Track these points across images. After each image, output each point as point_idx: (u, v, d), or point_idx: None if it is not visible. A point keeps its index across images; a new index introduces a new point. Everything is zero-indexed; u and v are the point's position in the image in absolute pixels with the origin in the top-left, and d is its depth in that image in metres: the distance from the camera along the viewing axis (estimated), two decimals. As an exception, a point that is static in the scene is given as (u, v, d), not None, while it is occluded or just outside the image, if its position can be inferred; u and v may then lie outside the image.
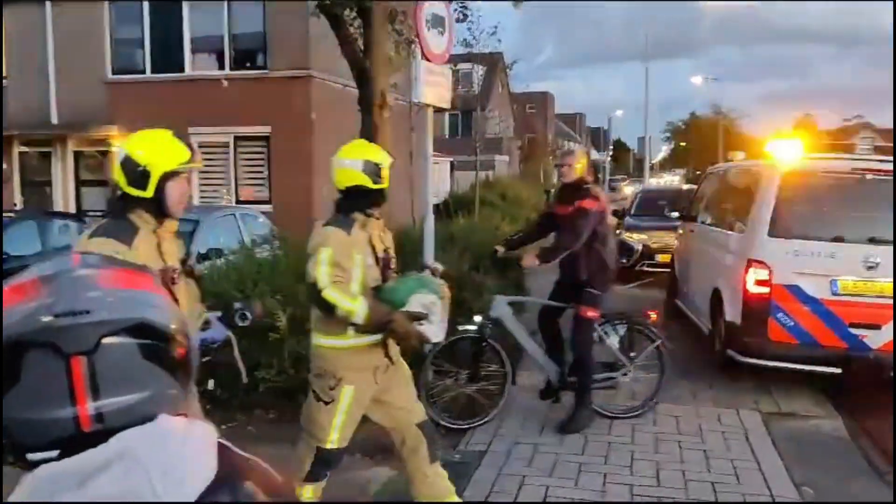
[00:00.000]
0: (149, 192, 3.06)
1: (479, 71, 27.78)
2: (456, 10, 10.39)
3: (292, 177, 17.15)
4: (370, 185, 3.90)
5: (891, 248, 6.79)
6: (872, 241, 6.91)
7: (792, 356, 6.95)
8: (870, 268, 6.81)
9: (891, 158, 7.38)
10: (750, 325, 7.05)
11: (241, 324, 3.59)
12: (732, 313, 7.33)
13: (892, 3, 33.67)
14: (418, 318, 3.84)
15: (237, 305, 3.63)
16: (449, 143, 39.85)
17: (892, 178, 7.02)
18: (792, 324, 6.91)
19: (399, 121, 17.07)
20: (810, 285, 6.90)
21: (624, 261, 14.20)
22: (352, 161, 3.93)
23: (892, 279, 6.72)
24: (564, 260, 5.97)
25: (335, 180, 3.99)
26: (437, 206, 24.34)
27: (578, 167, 5.99)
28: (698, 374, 7.62)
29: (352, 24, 8.74)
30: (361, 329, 3.80)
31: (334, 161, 3.97)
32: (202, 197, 18.24)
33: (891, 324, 6.71)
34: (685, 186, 20.80)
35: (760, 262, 7.00)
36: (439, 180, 30.11)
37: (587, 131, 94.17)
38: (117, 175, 3.14)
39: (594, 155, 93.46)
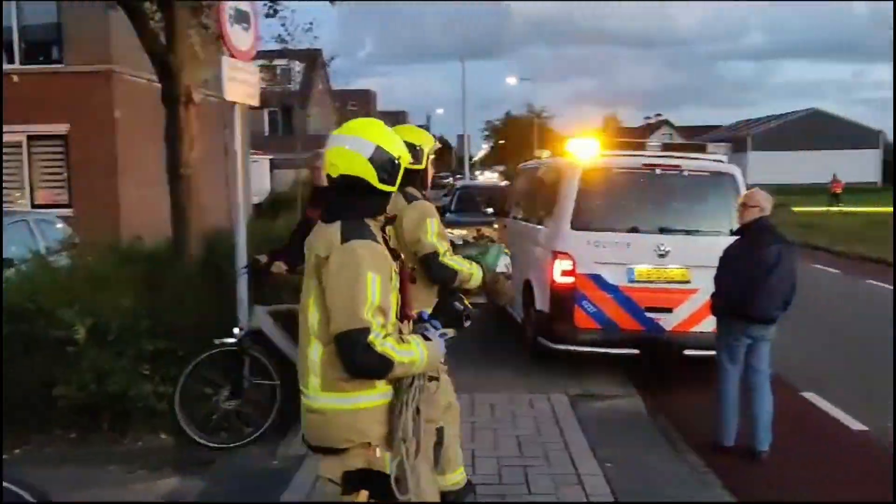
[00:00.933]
0: (395, 187, 2.82)
1: (297, 67, 27.33)
2: (265, 5, 10.14)
3: (94, 178, 16.10)
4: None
5: (679, 236, 7.39)
6: (663, 230, 7.49)
7: (596, 340, 7.41)
8: (661, 256, 7.37)
9: (680, 154, 8.01)
10: (557, 313, 7.44)
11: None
12: (541, 303, 7.71)
13: (892, 2, 35.92)
14: (508, 277, 4.45)
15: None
16: (269, 141, 38.94)
17: (678, 172, 7.64)
18: (595, 310, 7.36)
19: (214, 118, 16.48)
20: (610, 274, 7.38)
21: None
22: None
23: (680, 265, 7.31)
24: None
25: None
26: (257, 206, 23.78)
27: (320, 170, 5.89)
28: (513, 363, 7.94)
29: (153, 18, 8.31)
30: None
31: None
32: (-8, 201, 16.71)
33: (682, 306, 7.29)
34: (502, 183, 21.57)
35: (565, 254, 7.39)
36: (259, 179, 29.36)
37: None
38: (362, 171, 2.78)
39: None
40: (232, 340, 5.80)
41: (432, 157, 4.31)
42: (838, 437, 6.36)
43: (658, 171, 7.64)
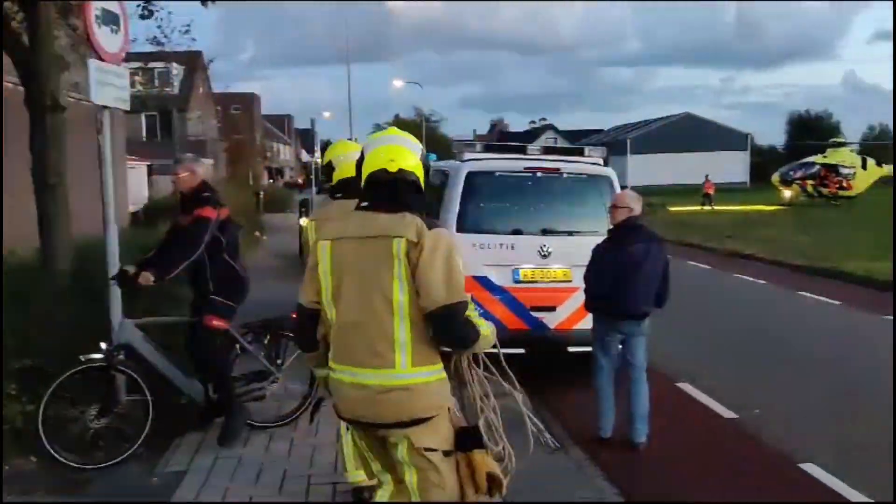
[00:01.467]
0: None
1: (175, 70, 26.45)
2: (139, 5, 9.76)
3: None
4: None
5: (560, 237, 7.60)
6: (545, 231, 7.69)
7: (483, 342, 7.49)
8: (544, 256, 7.57)
9: (559, 158, 8.23)
10: (445, 315, 7.47)
11: None
12: (429, 306, 7.73)
13: (892, 3, 36.80)
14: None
15: None
16: (147, 146, 37.45)
17: (558, 175, 7.86)
18: (482, 311, 7.40)
19: (85, 123, 15.73)
20: (496, 275, 7.51)
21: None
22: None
23: (562, 265, 7.52)
24: (190, 272, 5.75)
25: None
26: (134, 214, 22.83)
27: (189, 175, 5.84)
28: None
29: (14, 18, 7.85)
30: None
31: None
32: None
33: (564, 305, 7.49)
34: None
35: (451, 257, 7.44)
36: (137, 186, 28.22)
37: (296, 133, 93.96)
38: (417, 170, 3.08)
39: (304, 157, 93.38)
40: (99, 356, 5.51)
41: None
42: (711, 425, 6.69)
43: (539, 174, 7.84)
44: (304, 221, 6.97)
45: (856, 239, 20.64)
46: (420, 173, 3.09)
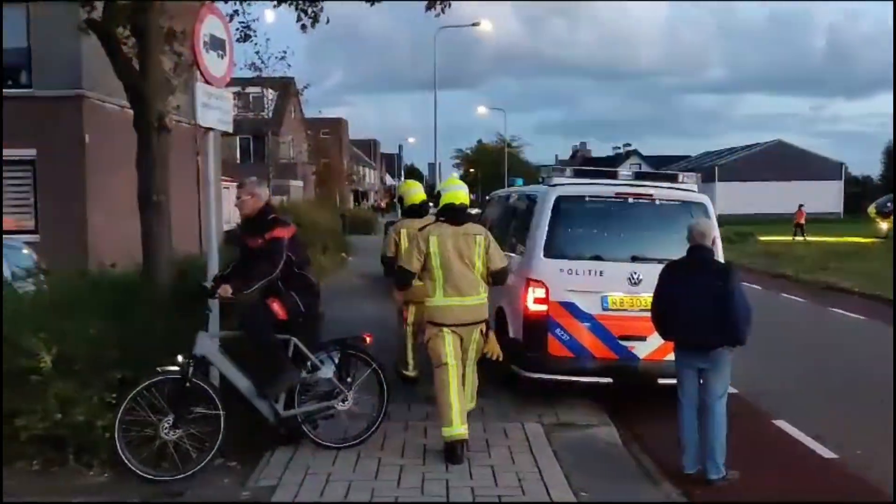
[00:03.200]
0: None
1: (269, 95, 27.32)
2: (238, 29, 10.13)
3: (62, 205, 15.87)
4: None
5: (651, 264, 7.43)
6: (635, 259, 7.54)
7: (569, 369, 7.40)
8: (634, 284, 7.41)
9: (652, 183, 8.10)
10: (530, 341, 7.43)
11: None
12: (515, 330, 7.69)
13: (892, 3, 36.44)
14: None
15: None
16: (241, 168, 38.75)
17: (650, 201, 7.73)
18: (568, 338, 7.36)
19: (185, 144, 16.39)
20: (583, 302, 7.39)
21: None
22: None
23: (651, 294, 7.32)
24: (263, 289, 5.94)
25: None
26: (228, 233, 23.55)
27: (252, 199, 6.00)
28: (486, 392, 7.88)
29: (125, 43, 8.26)
30: None
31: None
32: (-44, 227, 16.37)
33: (655, 335, 7.28)
34: (473, 211, 21.63)
35: (538, 282, 7.40)
36: (230, 206, 29.11)
37: (381, 157, 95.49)
38: (467, 201, 6.38)
39: (389, 181, 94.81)
40: (174, 368, 5.66)
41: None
42: (809, 464, 6.39)
43: (630, 199, 7.72)
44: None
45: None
46: (468, 202, 6.35)
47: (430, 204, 8.15)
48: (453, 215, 6.14)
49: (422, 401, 7.32)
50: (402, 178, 40.71)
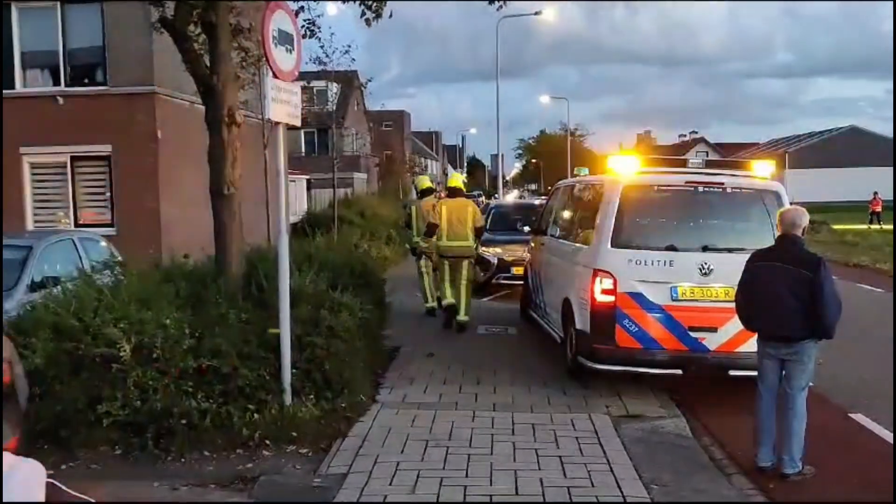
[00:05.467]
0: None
1: (333, 89, 27.60)
2: (303, 25, 10.25)
3: (136, 198, 16.35)
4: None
5: (722, 254, 7.27)
6: (706, 248, 7.38)
7: (638, 360, 7.31)
8: (705, 274, 7.26)
9: (722, 171, 7.92)
10: (598, 332, 7.35)
11: None
12: (581, 322, 7.63)
13: (892, 3, 35.60)
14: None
15: None
16: (306, 161, 39.32)
17: (721, 189, 7.56)
18: (636, 329, 7.26)
19: (252, 138, 16.70)
20: (652, 292, 7.28)
21: (481, 274, 14.53)
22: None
23: (724, 284, 7.15)
24: None
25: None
26: (294, 225, 23.99)
27: None
28: (553, 382, 7.87)
29: (196, 40, 8.44)
30: None
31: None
32: (37, 221, 17.05)
33: (726, 326, 7.13)
34: (537, 201, 21.49)
35: (605, 272, 7.32)
36: (296, 198, 29.61)
37: (443, 148, 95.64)
38: (462, 185, 11.61)
39: (451, 171, 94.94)
40: None
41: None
42: (887, 459, 6.17)
43: (701, 188, 7.56)
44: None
45: None
46: (462, 187, 11.40)
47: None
48: (452, 194, 11.15)
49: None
50: (465, 170, 41.32)
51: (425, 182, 13.44)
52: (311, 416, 6.27)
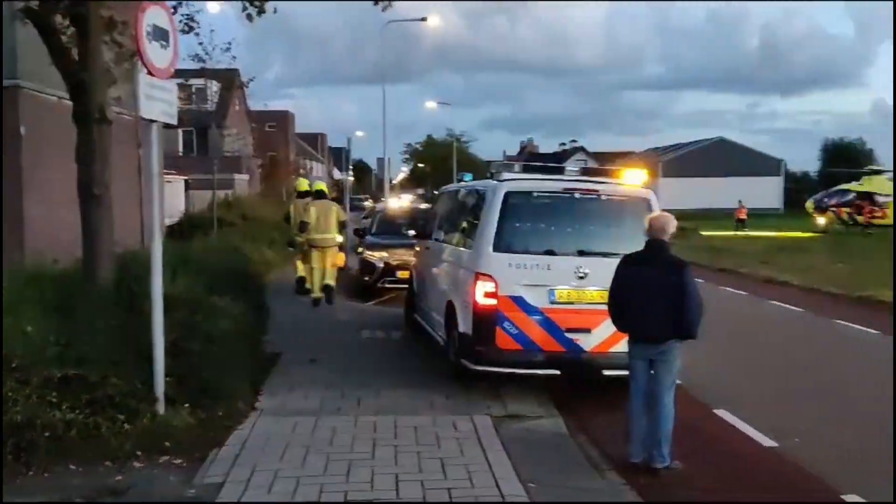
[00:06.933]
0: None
1: (213, 87, 26.85)
2: (181, 21, 9.92)
3: (-2, 197, 15.32)
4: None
5: (597, 259, 7.54)
6: (582, 253, 7.65)
7: (518, 362, 7.48)
8: (580, 278, 7.51)
9: (598, 179, 8.21)
10: (479, 335, 7.48)
11: None
12: (464, 325, 7.74)
13: (892, 3, 36.85)
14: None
15: None
16: (184, 161, 37.95)
17: (596, 196, 7.84)
18: (517, 332, 7.43)
19: (125, 136, 15.99)
20: (531, 295, 7.47)
21: (366, 278, 14.49)
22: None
23: (599, 287, 7.41)
24: None
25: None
26: (171, 227, 23.14)
27: None
28: (436, 385, 7.93)
29: (64, 33, 8.03)
30: None
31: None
32: None
33: (600, 327, 7.39)
34: (422, 206, 21.62)
35: (487, 276, 7.45)
36: (173, 200, 28.55)
37: (329, 151, 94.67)
38: (326, 189, 14.35)
39: (337, 174, 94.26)
40: None
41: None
42: (749, 453, 6.57)
43: (577, 194, 7.81)
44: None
45: (891, 268, 20.24)
46: (326, 190, 14.15)
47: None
48: (319, 196, 13.65)
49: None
50: (350, 173, 41.16)
51: (303, 185, 15.50)
52: (186, 426, 6.07)
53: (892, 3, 40.25)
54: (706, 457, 6.39)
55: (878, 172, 43.54)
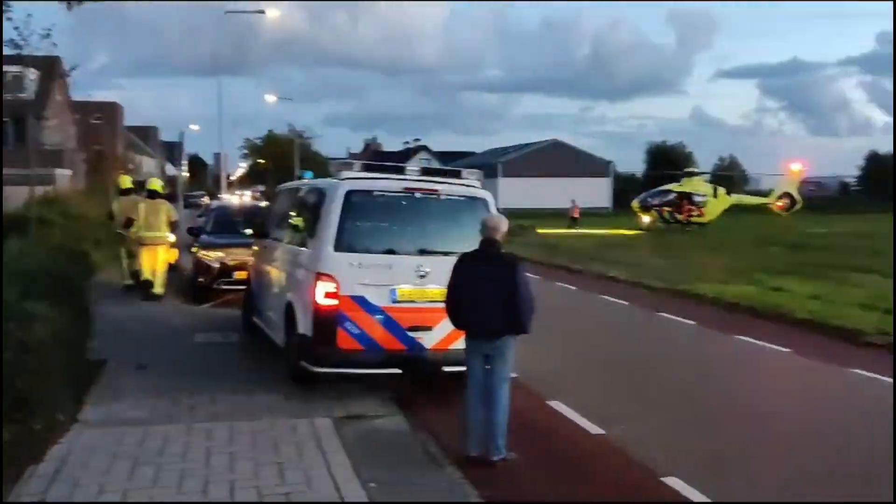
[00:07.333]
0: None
1: (31, 75, 24.91)
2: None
3: None
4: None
5: (437, 257, 7.64)
6: (422, 252, 7.73)
7: (359, 362, 7.47)
8: (421, 276, 7.60)
9: (438, 179, 8.30)
10: (320, 335, 7.39)
11: None
12: (304, 326, 7.62)
13: (892, 3, 37.37)
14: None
15: None
16: (-3, 154, 34.96)
17: (436, 196, 7.95)
18: (358, 332, 7.41)
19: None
20: (373, 295, 7.47)
21: (201, 279, 13.92)
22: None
23: (439, 286, 7.52)
24: None
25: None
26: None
27: None
28: (275, 388, 7.76)
29: None
30: None
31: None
32: None
33: (440, 325, 7.49)
34: (262, 203, 21.09)
35: (328, 276, 7.38)
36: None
37: (161, 145, 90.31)
38: (160, 189, 14.06)
39: (170, 170, 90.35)
40: None
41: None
42: (579, 441, 6.89)
43: (418, 194, 7.89)
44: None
45: (707, 263, 21.97)
46: (160, 189, 13.95)
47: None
48: (151, 195, 13.67)
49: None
50: (184, 167, 39.50)
51: (126, 182, 15.95)
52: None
53: (892, 3, 43.27)
54: (539, 447, 6.65)
55: (696, 174, 47.09)
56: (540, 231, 37.11)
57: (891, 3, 48.26)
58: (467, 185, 8.24)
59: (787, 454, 6.65)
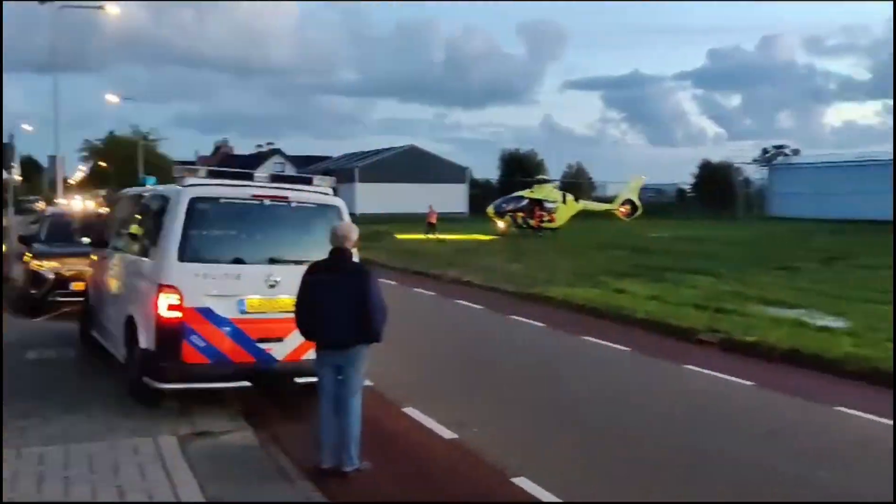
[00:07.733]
0: None
1: None
2: None
3: None
4: None
5: (288, 266, 7.48)
6: (272, 261, 7.56)
7: (206, 375, 7.21)
8: (271, 286, 7.43)
9: (288, 186, 8.14)
10: (164, 350, 7.08)
11: None
12: (146, 340, 7.27)
13: (892, 3, 36.82)
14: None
15: None
16: None
17: (286, 203, 7.80)
18: (204, 345, 7.15)
19: None
20: (220, 306, 7.23)
21: (34, 291, 13.01)
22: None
23: (290, 296, 7.38)
24: None
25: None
26: None
27: None
28: (115, 407, 7.37)
29: None
30: None
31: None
32: None
33: (292, 335, 7.34)
34: (102, 210, 19.94)
35: (171, 287, 7.08)
36: None
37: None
38: None
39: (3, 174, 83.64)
40: None
41: None
42: (432, 446, 6.97)
43: (267, 202, 7.72)
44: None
45: (557, 267, 22.80)
46: None
47: None
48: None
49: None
50: (16, 170, 36.62)
51: None
52: None
53: (892, 3, 44.96)
54: (393, 454, 6.67)
55: (547, 181, 48.82)
56: (399, 237, 37.26)
57: (890, 4, 51.28)
58: (319, 192, 8.15)
59: (631, 449, 7.01)
